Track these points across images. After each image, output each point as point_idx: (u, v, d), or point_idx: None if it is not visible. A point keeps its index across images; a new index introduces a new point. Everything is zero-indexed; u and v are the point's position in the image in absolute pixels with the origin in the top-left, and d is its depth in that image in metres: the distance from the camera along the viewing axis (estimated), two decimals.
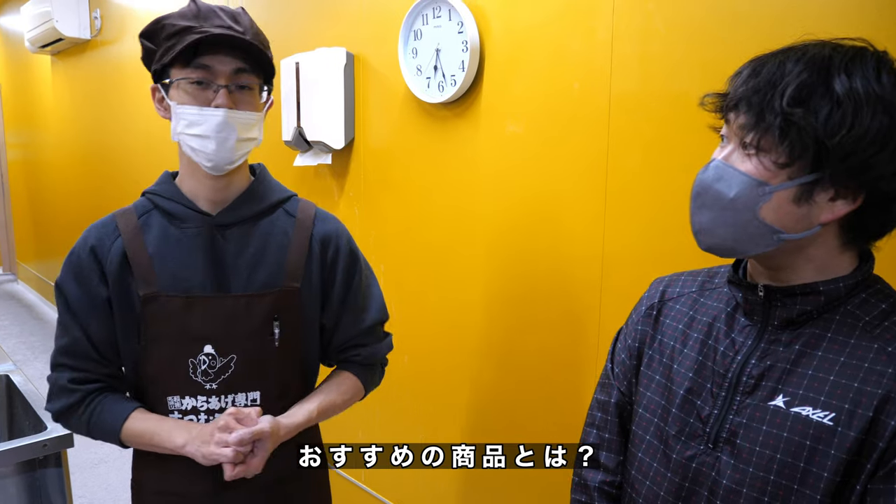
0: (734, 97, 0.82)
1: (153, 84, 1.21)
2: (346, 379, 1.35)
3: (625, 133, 1.55)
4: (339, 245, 1.31)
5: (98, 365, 1.22)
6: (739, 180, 0.81)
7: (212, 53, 1.12)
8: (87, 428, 1.23)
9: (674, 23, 1.44)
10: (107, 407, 1.21)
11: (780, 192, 0.79)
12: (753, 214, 0.81)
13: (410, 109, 2.10)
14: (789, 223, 0.81)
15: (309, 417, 1.26)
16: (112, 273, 1.19)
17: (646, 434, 0.98)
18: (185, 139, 1.17)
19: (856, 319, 0.82)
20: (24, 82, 6.25)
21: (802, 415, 0.80)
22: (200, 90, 1.14)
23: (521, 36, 1.75)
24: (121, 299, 1.19)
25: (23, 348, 5.12)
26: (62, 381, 1.21)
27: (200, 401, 1.21)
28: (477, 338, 2.00)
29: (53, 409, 1.24)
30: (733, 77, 0.84)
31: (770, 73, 0.79)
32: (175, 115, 1.16)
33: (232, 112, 1.14)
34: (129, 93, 4.05)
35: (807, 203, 0.79)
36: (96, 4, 4.37)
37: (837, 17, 1.21)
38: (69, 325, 1.21)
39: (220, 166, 1.18)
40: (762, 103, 0.78)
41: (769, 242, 0.82)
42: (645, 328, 1.04)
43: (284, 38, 2.56)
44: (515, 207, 1.83)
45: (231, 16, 1.17)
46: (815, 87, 0.76)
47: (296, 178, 2.61)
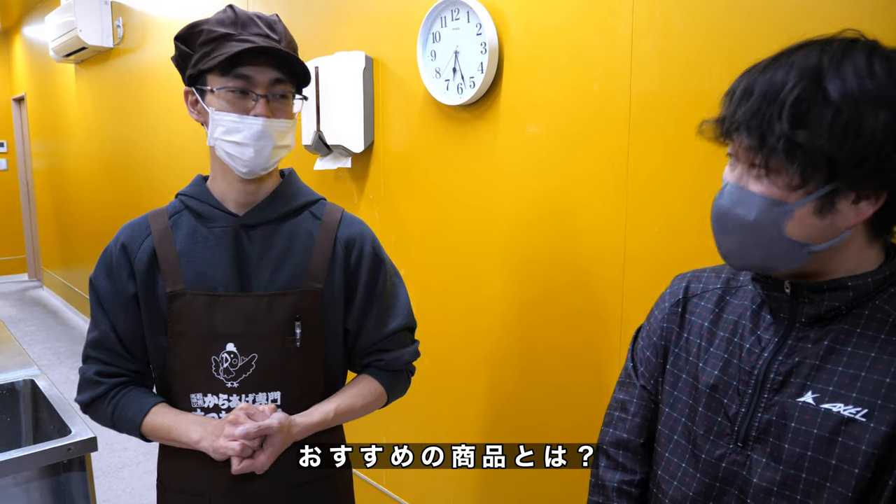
0: (732, 122, 0.80)
1: (186, 87, 1.22)
2: (367, 383, 1.34)
3: (646, 132, 1.53)
4: (364, 248, 1.30)
5: (124, 360, 1.26)
6: (757, 203, 0.79)
7: (252, 63, 1.15)
8: (111, 420, 1.25)
9: (693, 19, 1.42)
10: (130, 400, 1.24)
11: (801, 208, 0.77)
12: (778, 233, 0.79)
13: (429, 112, 2.10)
14: (816, 235, 0.79)
15: (325, 419, 1.25)
16: (140, 270, 1.22)
17: (673, 434, 0.97)
18: (222, 145, 1.18)
19: (885, 315, 0.81)
20: (48, 91, 6.35)
21: (833, 411, 0.79)
22: (238, 98, 1.16)
23: (539, 36, 1.74)
24: (148, 296, 1.22)
25: (48, 353, 5.19)
26: (90, 374, 1.25)
27: (222, 399, 1.22)
28: (499, 340, 1.99)
29: (81, 400, 1.27)
30: (726, 97, 0.82)
31: (763, 89, 0.77)
32: (213, 120, 1.18)
33: (270, 121, 1.17)
34: (151, 100, 4.09)
35: (830, 213, 0.77)
36: (119, 13, 4.42)
37: (857, 6, 1.18)
38: (99, 320, 1.25)
39: (254, 171, 1.21)
40: (762, 126, 0.76)
41: (800, 257, 0.80)
42: (670, 325, 1.02)
43: (304, 43, 2.56)
44: (536, 208, 1.81)
45: (267, 24, 1.19)
46: (812, 97, 0.73)
47: (316, 182, 2.61)
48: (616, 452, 1.06)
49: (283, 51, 1.15)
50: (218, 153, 1.21)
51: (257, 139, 1.16)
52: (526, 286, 1.88)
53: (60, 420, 1.65)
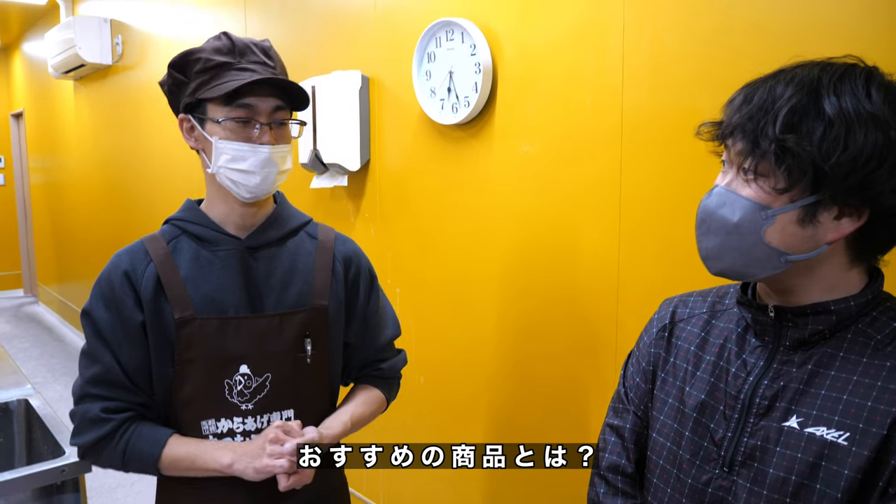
0: (729, 125, 0.82)
1: (182, 114, 1.23)
2: (370, 391, 1.39)
3: (638, 148, 1.54)
4: (361, 264, 1.37)
5: (130, 393, 1.20)
6: (742, 205, 0.81)
7: (253, 93, 1.16)
8: (122, 459, 1.19)
9: (683, 38, 1.44)
10: (143, 434, 1.19)
11: (784, 214, 0.79)
12: (759, 238, 0.81)
13: (425, 131, 2.11)
14: (795, 244, 0.80)
15: (345, 429, 1.28)
16: (147, 298, 1.19)
17: (659, 459, 0.97)
18: (226, 173, 1.19)
19: (867, 338, 0.82)
20: (47, 107, 6.37)
21: (817, 435, 0.79)
22: (241, 127, 1.17)
23: (532, 56, 1.76)
24: (155, 324, 1.19)
25: (43, 370, 5.16)
26: (93, 413, 1.18)
27: (237, 422, 1.22)
28: (493, 357, 1.99)
29: (83, 443, 1.19)
30: (727, 104, 0.85)
31: (761, 99, 0.79)
32: (216, 149, 1.18)
33: (274, 148, 1.19)
34: (149, 117, 4.11)
35: (811, 224, 0.79)
36: (118, 31, 4.45)
37: (847, 30, 1.20)
38: (99, 353, 1.19)
39: (258, 196, 1.22)
40: (756, 130, 0.78)
41: (777, 265, 0.82)
42: (657, 350, 1.03)
43: (301, 63, 2.58)
44: (531, 226, 1.82)
45: (263, 51, 1.20)
46: (807, 110, 0.76)
47: (312, 200, 2.62)
48: (615, 478, 1.05)
49: (286, 80, 1.17)
50: (220, 180, 1.21)
51: (264, 166, 1.18)
52: (521, 304, 1.88)
53: (54, 440, 1.64)
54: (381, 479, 2.47)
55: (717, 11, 1.38)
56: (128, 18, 4.31)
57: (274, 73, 1.18)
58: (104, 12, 4.60)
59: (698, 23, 1.41)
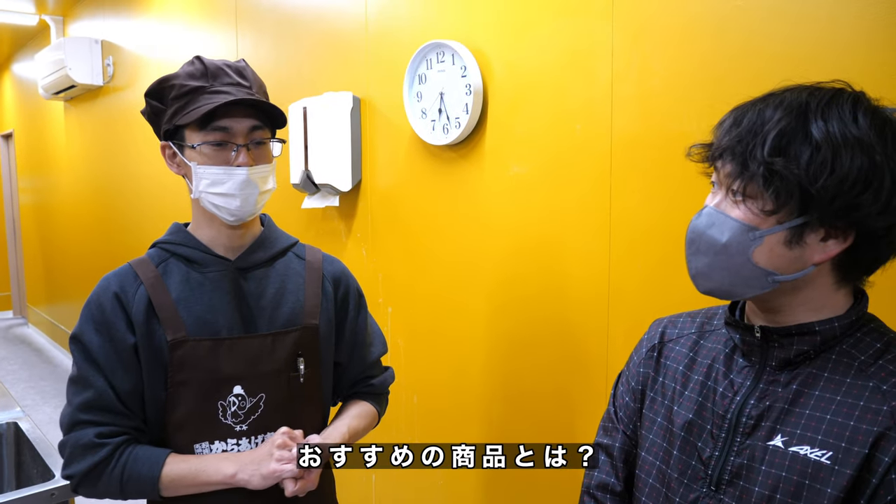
0: (718, 147, 0.84)
1: (163, 142, 1.23)
2: (362, 406, 1.40)
3: (627, 172, 1.56)
4: (349, 284, 1.39)
5: (124, 418, 1.18)
6: (730, 226, 0.83)
7: (228, 115, 1.16)
8: (119, 484, 1.15)
9: (671, 63, 1.46)
10: (139, 457, 1.16)
11: (771, 235, 0.81)
12: (746, 258, 0.82)
13: (416, 151, 2.13)
14: (782, 265, 0.82)
15: (343, 440, 1.29)
16: (139, 321, 1.18)
17: (648, 477, 0.98)
18: (207, 197, 1.20)
19: (851, 359, 0.83)
20: (37, 128, 6.37)
21: (800, 454, 0.80)
22: (219, 150, 1.18)
23: (523, 79, 1.78)
24: (147, 346, 1.18)
25: (32, 393, 5.11)
26: (86, 439, 1.14)
27: (231, 444, 1.21)
28: (485, 376, 1.99)
29: (77, 472, 1.15)
30: (717, 127, 0.86)
31: (751, 121, 0.81)
32: (196, 174, 1.19)
33: (252, 169, 1.19)
34: (140, 138, 4.12)
35: (798, 245, 0.80)
36: (109, 52, 4.47)
37: (835, 55, 1.22)
38: (91, 378, 1.16)
39: (242, 218, 1.22)
40: (745, 153, 0.80)
41: (764, 285, 0.83)
42: (646, 370, 1.04)
43: (292, 83, 2.60)
44: (521, 247, 1.83)
45: (237, 72, 1.21)
46: (794, 133, 0.78)
47: (304, 221, 2.63)
48: (604, 496, 1.06)
49: (257, 99, 1.17)
50: (204, 205, 1.21)
51: (242, 189, 1.18)
52: (512, 323, 1.89)
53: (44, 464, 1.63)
54: (372, 498, 2.46)
55: (705, 38, 1.40)
56: (119, 39, 4.33)
57: (249, 93, 1.18)
58: (95, 33, 4.62)
59: (686, 49, 1.44)
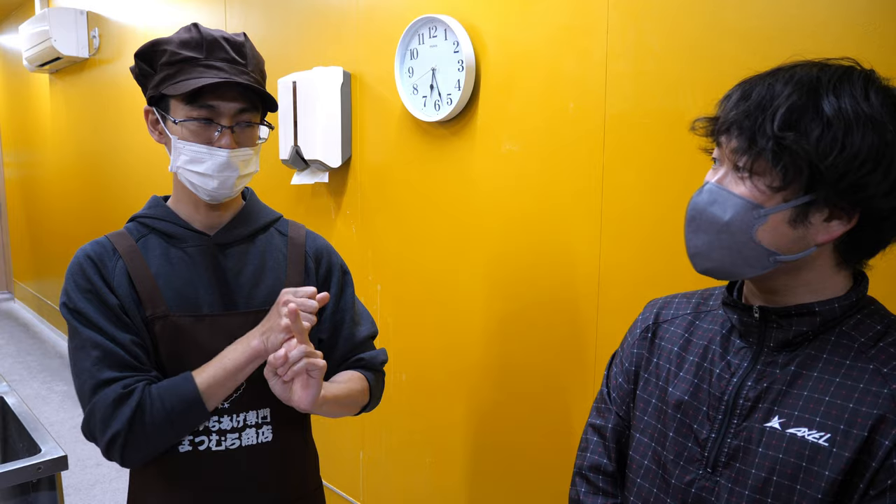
0: (725, 121, 0.82)
1: (147, 107, 1.20)
2: (351, 373, 1.30)
3: (619, 152, 1.56)
4: (332, 260, 1.34)
5: (140, 371, 1.13)
6: (734, 203, 0.81)
7: (217, 94, 1.12)
8: (166, 413, 1.09)
9: (668, 41, 1.45)
10: (167, 385, 1.11)
11: (776, 214, 0.79)
12: (749, 237, 0.81)
13: (407, 128, 2.11)
14: (785, 245, 0.81)
15: (323, 399, 1.16)
16: (122, 293, 1.15)
17: (643, 459, 0.97)
18: (185, 174, 1.17)
19: (851, 341, 0.82)
20: (21, 101, 6.27)
21: (798, 436, 0.80)
22: (203, 127, 1.14)
23: (516, 55, 1.76)
24: (135, 317, 1.16)
25: (19, 367, 5.09)
26: (114, 394, 1.08)
27: (212, 421, 1.20)
28: (474, 355, 1.99)
29: (120, 428, 1.08)
30: (723, 100, 0.84)
31: (760, 96, 0.79)
32: (175, 148, 1.16)
33: (234, 151, 1.15)
34: (127, 111, 4.06)
35: (802, 224, 0.79)
36: (95, 24, 4.39)
37: (832, 34, 1.22)
38: (96, 339, 1.12)
39: (218, 199, 1.20)
40: (753, 127, 0.78)
41: (765, 265, 0.82)
42: (640, 351, 1.04)
43: (282, 58, 2.57)
44: (512, 225, 1.83)
45: (235, 47, 1.16)
46: (805, 109, 0.76)
47: (293, 197, 2.61)
48: (596, 477, 1.06)
49: (250, 85, 1.13)
50: (182, 181, 1.19)
51: (221, 170, 1.15)
52: (502, 301, 1.89)
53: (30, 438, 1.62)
54: (360, 475, 2.47)
55: (702, 16, 1.39)
56: (105, 10, 4.25)
57: (243, 72, 1.14)
58: (80, 4, 4.53)
59: (683, 27, 1.42)
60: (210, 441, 1.20)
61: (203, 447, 1.19)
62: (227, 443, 1.20)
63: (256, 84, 1.16)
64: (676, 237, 1.46)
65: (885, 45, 1.16)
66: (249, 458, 1.22)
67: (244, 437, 1.22)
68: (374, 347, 1.40)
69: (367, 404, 1.34)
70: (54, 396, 4.46)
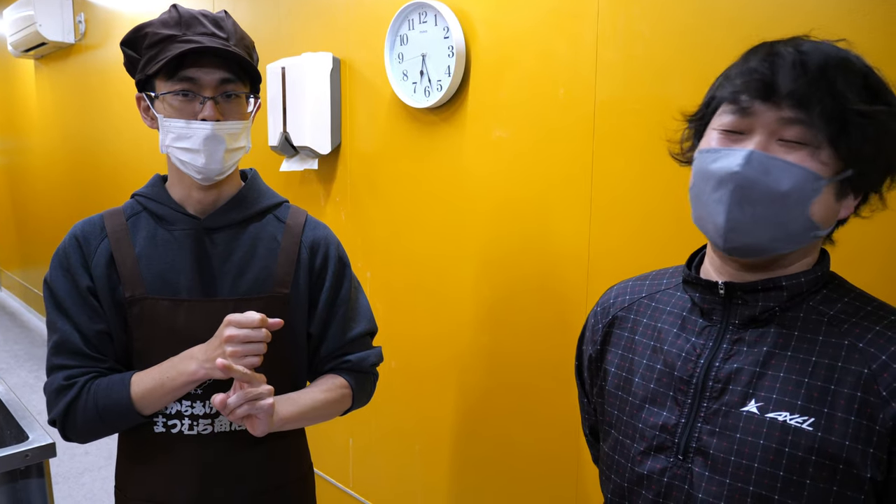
0: (780, 89, 0.75)
1: (138, 93, 1.19)
2: (332, 379, 1.28)
3: (610, 138, 1.56)
4: (329, 251, 1.29)
5: (93, 361, 1.17)
6: (794, 173, 0.75)
7: (197, 65, 1.11)
8: (97, 412, 1.14)
9: (657, 27, 1.44)
10: (107, 383, 1.15)
11: (829, 186, 0.76)
12: (803, 209, 0.76)
13: (397, 114, 2.10)
14: (827, 218, 0.79)
15: (283, 420, 1.16)
16: (98, 274, 1.17)
17: (614, 453, 0.94)
18: (173, 152, 1.16)
19: (820, 315, 0.81)
20: (6, 87, 6.19)
21: (779, 420, 0.77)
22: (186, 102, 1.13)
23: (506, 41, 1.76)
24: (108, 299, 1.17)
25: (6, 356, 5.06)
26: (56, 383, 1.16)
27: (185, 405, 1.19)
28: (464, 342, 2.00)
29: (57, 414, 1.15)
30: (761, 63, 0.77)
31: (819, 68, 0.74)
32: (162, 127, 1.15)
33: (219, 124, 1.13)
34: (114, 97, 4.02)
35: (843, 198, 0.79)
36: (81, 8, 4.33)
37: (823, 21, 1.22)
38: (59, 322, 1.17)
39: (210, 177, 1.17)
40: (822, 100, 0.74)
41: (804, 240, 0.79)
42: (601, 346, 1.00)
43: (270, 43, 2.55)
44: (502, 211, 1.83)
45: (214, 21, 1.15)
46: (877, 89, 0.76)
47: (282, 184, 2.60)
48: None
49: (225, 49, 1.11)
50: (172, 160, 1.18)
51: (206, 144, 1.13)
52: (491, 288, 1.89)
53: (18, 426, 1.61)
54: (349, 462, 2.48)
55: (692, 1, 1.39)
56: None
57: (223, 44, 1.12)
58: None
59: (673, 12, 1.42)
60: (182, 425, 1.20)
61: (175, 430, 1.20)
62: (199, 427, 1.20)
63: (235, 55, 1.13)
64: (665, 223, 1.47)
65: (876, 32, 1.16)
66: (224, 445, 1.21)
67: (217, 423, 1.21)
68: (369, 345, 1.35)
69: (350, 408, 1.32)
70: (42, 385, 4.44)
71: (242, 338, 1.06)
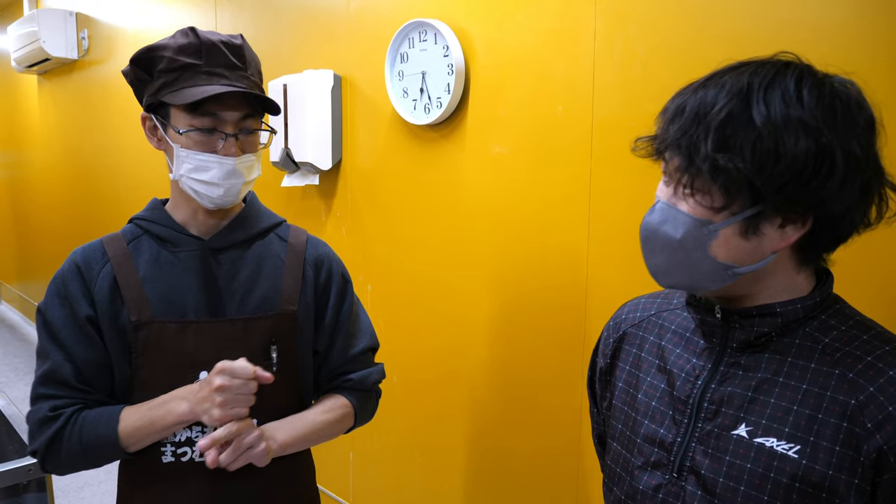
0: (663, 141, 0.80)
1: (144, 113, 1.18)
2: (334, 400, 1.29)
3: (607, 157, 1.58)
4: (332, 268, 1.30)
5: (82, 393, 1.15)
6: (683, 221, 0.78)
7: (220, 102, 1.10)
8: (81, 447, 1.11)
9: (654, 47, 1.47)
10: (94, 417, 1.13)
11: (726, 228, 0.77)
12: (704, 253, 0.78)
13: (397, 131, 2.12)
14: (741, 257, 0.78)
15: (282, 447, 1.19)
16: (101, 299, 1.15)
17: (616, 466, 0.96)
18: (189, 182, 1.14)
19: (815, 342, 0.80)
20: (9, 101, 6.23)
21: (766, 446, 0.78)
22: (206, 137, 1.12)
23: (505, 60, 1.78)
24: (110, 326, 1.15)
25: (6, 370, 5.06)
26: (41, 413, 1.12)
27: (195, 431, 1.17)
28: (464, 357, 2.01)
29: (38, 447, 1.13)
30: (661, 116, 0.82)
31: (693, 110, 0.76)
32: (178, 157, 1.13)
33: (240, 159, 1.14)
34: (116, 113, 4.05)
35: (755, 235, 0.77)
36: (84, 25, 4.38)
37: (822, 38, 1.23)
38: (50, 351, 1.14)
39: (222, 207, 1.18)
40: (689, 147, 0.75)
41: (724, 278, 0.80)
42: (611, 360, 1.02)
43: (272, 60, 2.57)
44: (501, 227, 1.85)
45: (233, 50, 1.14)
46: (738, 121, 0.73)
47: (283, 199, 2.62)
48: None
49: (254, 93, 1.12)
50: (183, 187, 1.17)
51: (227, 178, 1.13)
52: (492, 303, 1.90)
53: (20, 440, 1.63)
54: (349, 476, 2.48)
55: (689, 21, 1.41)
56: (94, 12, 4.24)
57: (243, 76, 1.13)
58: (69, 5, 4.52)
59: (669, 33, 1.44)
60: (193, 453, 1.17)
61: (186, 458, 1.17)
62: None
63: (257, 88, 1.15)
64: None
65: (877, 48, 1.17)
66: (235, 471, 1.17)
67: None
68: (371, 362, 1.36)
69: (352, 426, 1.33)
70: None
71: (234, 389, 1.06)
